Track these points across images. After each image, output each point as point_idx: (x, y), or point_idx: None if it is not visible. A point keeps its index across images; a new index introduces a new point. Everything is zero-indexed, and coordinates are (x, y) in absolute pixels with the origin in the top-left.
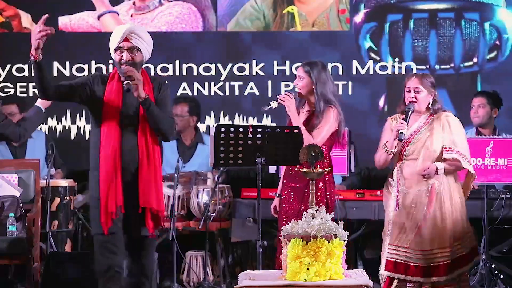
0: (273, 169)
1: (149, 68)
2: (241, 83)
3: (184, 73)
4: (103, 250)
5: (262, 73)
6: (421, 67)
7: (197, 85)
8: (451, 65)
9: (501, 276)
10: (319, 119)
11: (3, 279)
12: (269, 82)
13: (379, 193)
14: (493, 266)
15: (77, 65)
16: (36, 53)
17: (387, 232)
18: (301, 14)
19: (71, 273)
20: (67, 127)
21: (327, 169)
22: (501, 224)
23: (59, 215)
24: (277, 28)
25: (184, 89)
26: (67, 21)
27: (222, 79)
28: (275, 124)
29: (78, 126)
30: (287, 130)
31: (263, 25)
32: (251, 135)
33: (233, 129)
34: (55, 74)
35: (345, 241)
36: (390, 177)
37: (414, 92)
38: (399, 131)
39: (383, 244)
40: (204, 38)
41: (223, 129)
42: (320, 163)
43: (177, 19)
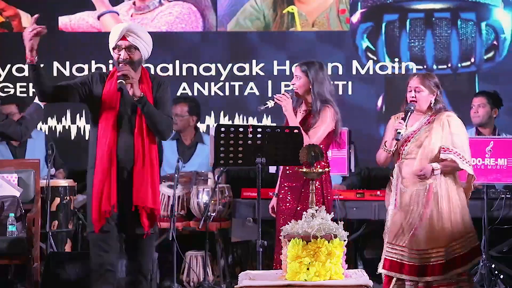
0: (273, 169)
1: (149, 68)
2: (241, 83)
3: (184, 73)
4: (95, 248)
5: (262, 73)
6: (419, 67)
7: (197, 85)
8: (448, 65)
9: (501, 276)
10: (316, 118)
11: (3, 279)
12: (269, 82)
13: (379, 193)
14: (493, 266)
15: (77, 65)
16: (31, 55)
17: (386, 230)
18: (301, 14)
19: (71, 273)
20: (67, 127)
21: (327, 169)
22: (501, 224)
23: (59, 215)
24: (277, 28)
25: (184, 89)
26: (67, 21)
27: (222, 79)
28: (275, 124)
29: (78, 126)
30: (287, 130)
31: (263, 25)
32: (251, 135)
33: (233, 129)
34: (55, 74)
35: (345, 241)
36: (391, 176)
37: (415, 91)
38: (397, 131)
39: (384, 243)
40: (204, 38)
41: (223, 129)
42: (318, 163)
43: (177, 19)
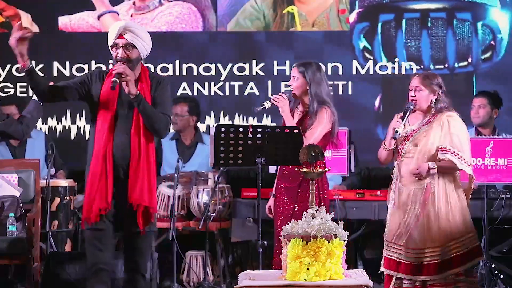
0: (273, 169)
1: (149, 67)
2: (241, 83)
3: (184, 73)
4: (89, 246)
5: (262, 73)
6: (418, 67)
7: (197, 85)
8: (445, 65)
9: (501, 276)
10: (313, 119)
11: (3, 279)
12: (269, 82)
13: (379, 193)
14: (493, 266)
15: (77, 65)
16: (22, 60)
17: (386, 229)
18: (301, 14)
19: (71, 273)
20: (67, 127)
21: (327, 169)
22: (501, 224)
23: (59, 215)
24: (277, 28)
25: (184, 89)
26: (67, 21)
27: (222, 79)
28: (275, 124)
29: (78, 126)
30: (287, 130)
31: (263, 25)
32: (251, 135)
33: (233, 129)
34: (55, 74)
35: (345, 241)
36: (392, 175)
37: (415, 91)
38: (394, 129)
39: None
40: (204, 38)
41: (223, 129)
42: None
43: (177, 19)
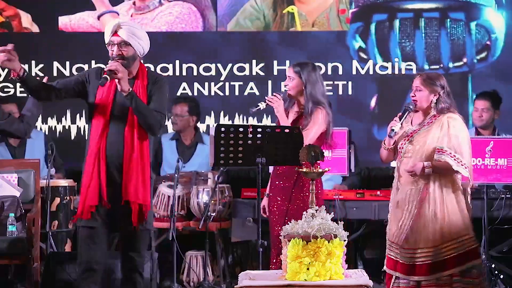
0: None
1: (149, 67)
2: (241, 83)
3: (184, 73)
4: (80, 243)
5: (262, 73)
6: (413, 67)
7: (197, 85)
8: (441, 65)
9: (501, 276)
10: (308, 120)
11: (3, 279)
12: (269, 82)
13: (379, 193)
14: (493, 266)
15: (77, 65)
16: (15, 71)
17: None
18: (301, 14)
19: (71, 273)
20: (67, 127)
21: (327, 169)
22: (501, 224)
23: (59, 215)
24: (277, 28)
25: (184, 89)
26: (67, 21)
27: (222, 79)
28: (275, 124)
29: (78, 126)
30: (287, 130)
31: (263, 25)
32: (251, 135)
33: (233, 129)
34: (55, 74)
35: (345, 241)
36: (393, 174)
37: (416, 91)
38: (391, 128)
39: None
40: (204, 38)
41: (223, 129)
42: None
43: (177, 19)
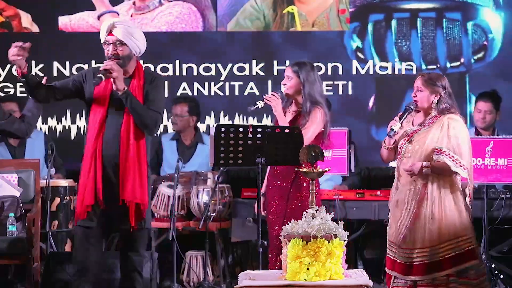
0: None
1: (149, 67)
2: (241, 83)
3: (184, 73)
4: (77, 243)
5: (262, 73)
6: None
7: (197, 85)
8: (437, 65)
9: (501, 276)
10: (306, 119)
11: (3, 279)
12: (269, 82)
13: (379, 193)
14: (493, 266)
15: (77, 65)
16: (20, 69)
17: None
18: (301, 14)
19: (71, 273)
20: (67, 127)
21: (327, 169)
22: (501, 224)
23: (59, 215)
24: (277, 28)
25: (184, 89)
26: (67, 21)
27: (222, 79)
28: (273, 123)
29: (78, 126)
30: (287, 130)
31: (263, 25)
32: (251, 135)
33: (233, 129)
34: (55, 74)
35: (345, 241)
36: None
37: (417, 91)
38: (391, 127)
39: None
40: (204, 38)
41: (223, 129)
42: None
43: (177, 19)
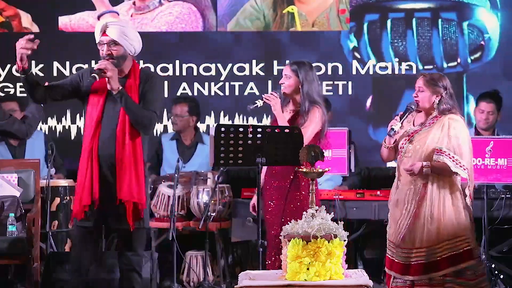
0: None
1: (149, 67)
2: (241, 83)
3: (184, 73)
4: (73, 243)
5: (262, 73)
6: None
7: (197, 85)
8: (434, 66)
9: (501, 276)
10: (305, 118)
11: (3, 279)
12: (269, 82)
13: (379, 193)
14: (493, 266)
15: (77, 65)
16: (21, 63)
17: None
18: (301, 14)
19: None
20: (67, 127)
21: (327, 169)
22: (501, 224)
23: (59, 215)
24: (277, 28)
25: (184, 89)
26: (67, 21)
27: (222, 79)
28: (270, 122)
29: (78, 126)
30: (287, 130)
31: (263, 25)
32: (251, 135)
33: (233, 129)
34: (55, 74)
35: (345, 241)
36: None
37: (418, 91)
38: (391, 127)
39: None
40: (204, 38)
41: (223, 129)
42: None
43: (177, 19)
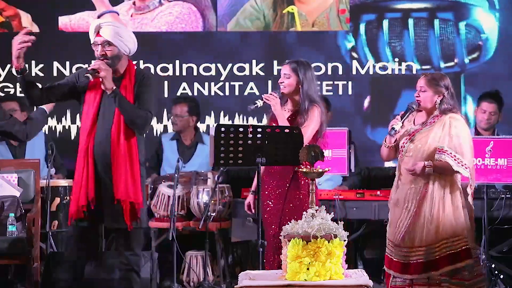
0: None
1: (149, 67)
2: (241, 83)
3: (184, 73)
4: (69, 242)
5: (262, 73)
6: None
7: (197, 85)
8: (431, 66)
9: (501, 276)
10: (304, 118)
11: (3, 279)
12: (269, 82)
13: (379, 193)
14: (493, 266)
15: (77, 65)
16: (17, 61)
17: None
18: (301, 14)
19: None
20: (67, 127)
21: (327, 169)
22: (501, 224)
23: (59, 215)
24: (277, 28)
25: (184, 89)
26: (67, 21)
27: (222, 79)
28: (266, 122)
29: (78, 126)
30: (287, 130)
31: (263, 25)
32: (251, 135)
33: (233, 129)
34: (55, 74)
35: (345, 241)
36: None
37: (420, 91)
38: (392, 127)
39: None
40: (204, 38)
41: (223, 129)
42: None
43: (177, 19)
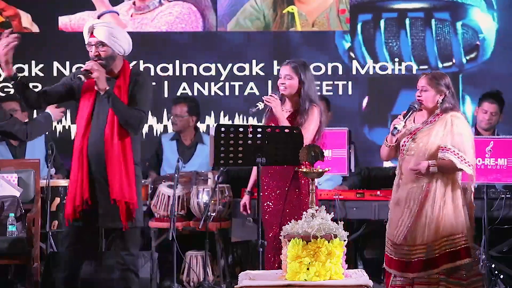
0: None
1: (149, 67)
2: (241, 83)
3: (184, 73)
4: (64, 243)
5: (262, 73)
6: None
7: (197, 85)
8: (429, 66)
9: (501, 276)
10: (304, 118)
11: (3, 279)
12: (269, 82)
13: (379, 193)
14: (493, 266)
15: (77, 65)
16: (7, 68)
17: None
18: (301, 14)
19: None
20: (67, 127)
21: (327, 169)
22: (501, 224)
23: (59, 215)
24: (277, 28)
25: (184, 89)
26: (67, 21)
27: (222, 79)
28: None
29: None
30: (287, 130)
31: (263, 25)
32: (251, 135)
33: (233, 129)
34: (55, 74)
35: (345, 241)
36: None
37: (421, 91)
38: (394, 125)
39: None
40: (203, 38)
41: (223, 129)
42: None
43: (177, 19)
